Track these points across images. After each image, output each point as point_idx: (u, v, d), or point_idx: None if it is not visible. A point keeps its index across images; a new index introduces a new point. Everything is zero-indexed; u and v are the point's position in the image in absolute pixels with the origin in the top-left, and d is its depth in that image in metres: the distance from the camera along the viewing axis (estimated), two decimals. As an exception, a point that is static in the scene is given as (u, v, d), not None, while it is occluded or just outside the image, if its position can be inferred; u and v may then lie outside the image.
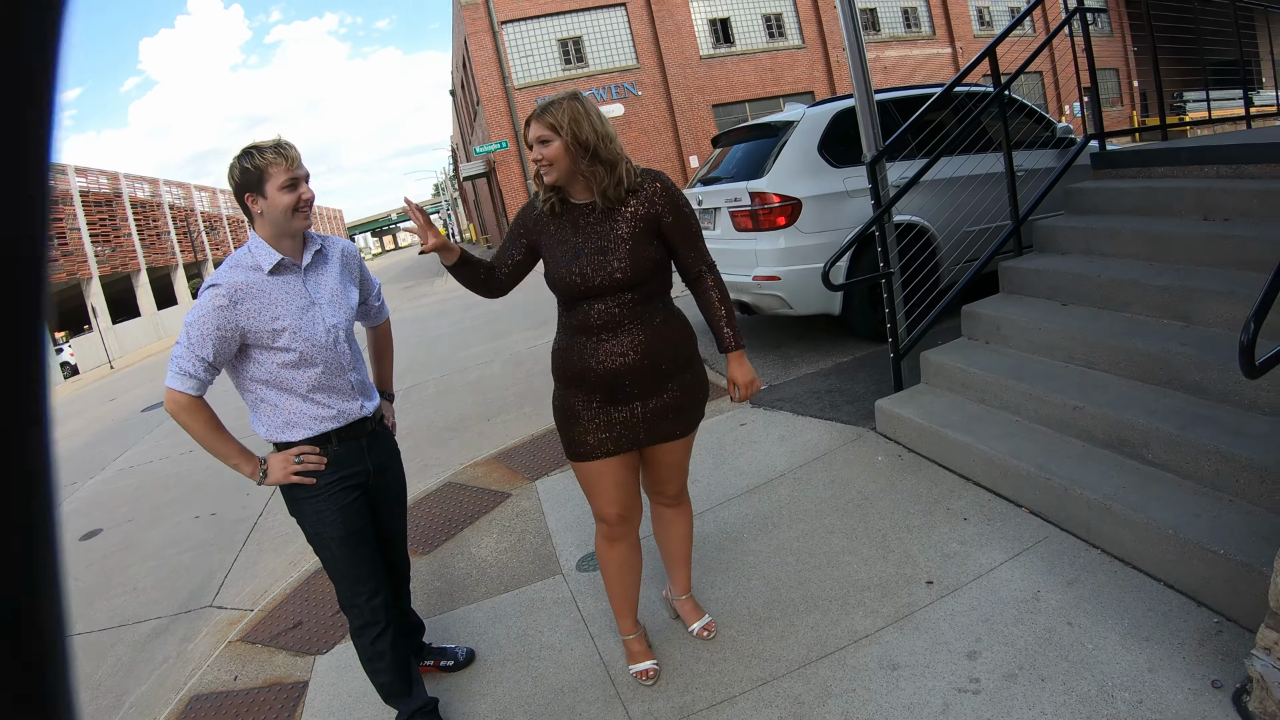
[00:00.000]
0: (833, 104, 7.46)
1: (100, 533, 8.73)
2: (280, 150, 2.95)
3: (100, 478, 11.97)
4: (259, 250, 3.02)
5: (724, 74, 33.09)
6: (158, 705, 4.65)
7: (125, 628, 5.93)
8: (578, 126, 2.84)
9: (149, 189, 60.68)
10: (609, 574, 3.37)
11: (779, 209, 6.87)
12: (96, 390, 30.07)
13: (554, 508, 5.39)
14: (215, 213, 74.58)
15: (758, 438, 5.58)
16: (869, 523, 4.14)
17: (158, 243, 59.48)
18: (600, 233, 2.94)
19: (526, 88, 31.43)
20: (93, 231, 50.93)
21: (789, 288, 6.87)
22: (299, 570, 5.75)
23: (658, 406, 3.05)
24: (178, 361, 2.94)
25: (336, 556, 3.19)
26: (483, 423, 8.20)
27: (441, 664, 3.91)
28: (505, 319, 15.08)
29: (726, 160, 8.07)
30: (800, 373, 6.81)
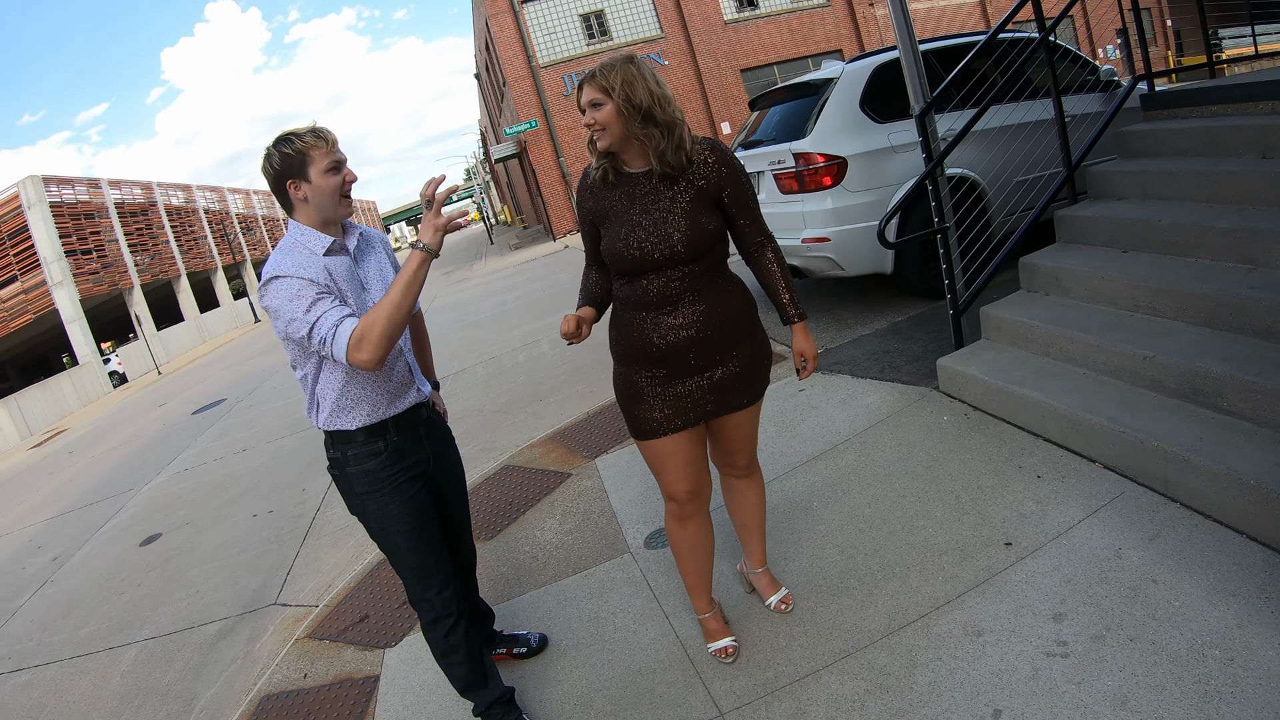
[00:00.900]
0: (872, 58, 7.33)
1: (160, 537, 8.86)
2: (319, 134, 2.93)
3: (155, 482, 12.15)
4: (306, 236, 2.95)
5: (750, 37, 32.69)
6: (228, 707, 4.69)
7: (190, 631, 6.00)
8: (631, 89, 2.78)
9: (183, 195, 61.50)
10: (681, 553, 3.33)
11: (824, 169, 6.77)
12: (146, 396, 30.50)
13: (616, 485, 5.36)
14: (250, 214, 75.40)
15: (818, 403, 5.51)
16: (940, 485, 4.07)
17: (195, 247, 60.28)
18: (658, 204, 2.88)
19: (552, 65, 31.39)
20: (131, 242, 51.66)
21: (839, 249, 6.78)
22: (361, 563, 5.78)
23: (722, 377, 3.00)
24: (322, 327, 2.75)
25: (404, 550, 3.17)
26: (535, 403, 8.21)
27: (514, 651, 3.90)
28: (549, 298, 15.10)
29: (766, 122, 7.96)
30: (856, 334, 6.72)
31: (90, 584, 8.25)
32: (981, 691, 2.81)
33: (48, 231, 44.78)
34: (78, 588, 8.32)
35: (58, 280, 44.79)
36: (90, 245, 48.08)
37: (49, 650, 6.84)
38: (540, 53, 31.36)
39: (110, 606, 7.27)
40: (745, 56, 32.56)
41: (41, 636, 7.27)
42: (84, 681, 5.92)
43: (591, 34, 31.83)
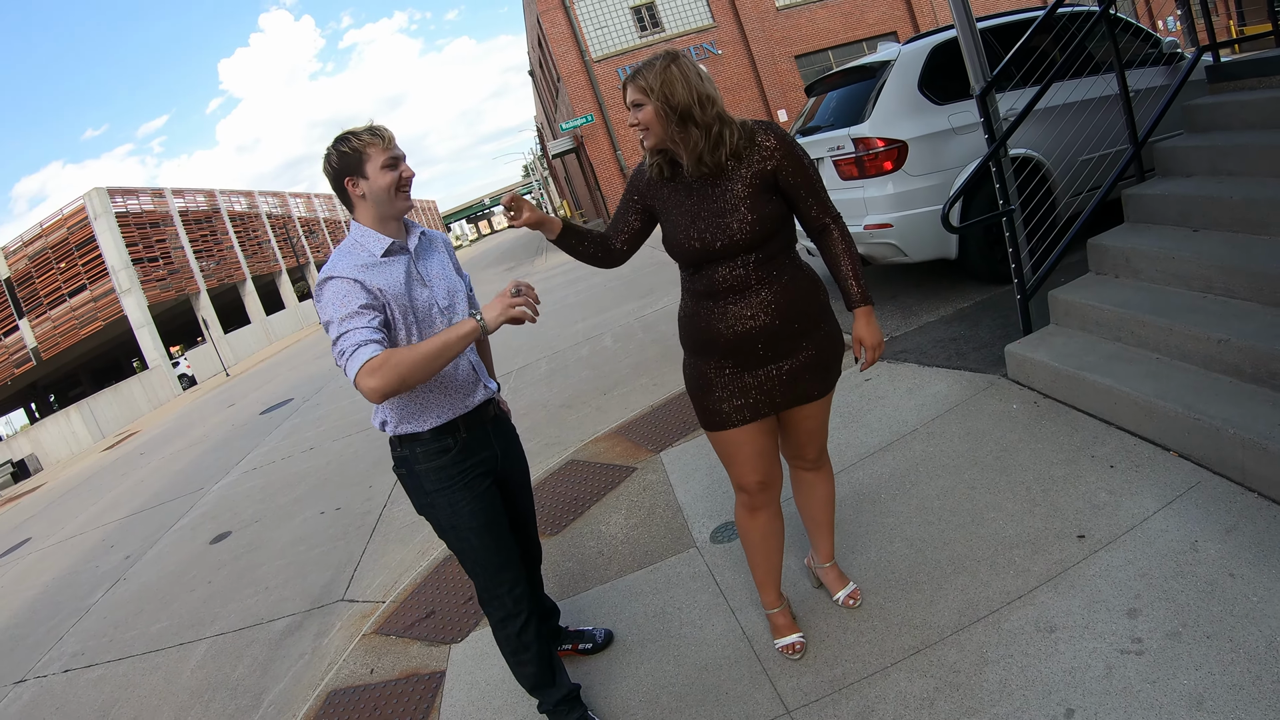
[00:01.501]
0: (927, 39, 7.22)
1: (229, 535, 9.04)
2: (376, 131, 2.95)
3: (225, 481, 12.38)
4: (366, 237, 2.99)
5: (803, 23, 32.54)
6: (296, 702, 4.77)
7: (259, 626, 6.11)
8: (670, 90, 2.74)
9: (245, 201, 62.70)
10: (751, 545, 3.29)
11: (885, 153, 6.68)
12: (215, 398, 31.04)
13: (682, 479, 5.33)
14: (312, 217, 76.59)
15: (884, 392, 5.44)
16: (1011, 475, 3.98)
17: (260, 251, 61.42)
18: (716, 194, 2.84)
19: (605, 59, 31.53)
20: (196, 248, 52.72)
21: (902, 234, 6.68)
22: (428, 559, 5.82)
23: (793, 368, 2.96)
24: (346, 341, 2.74)
25: (475, 548, 3.17)
26: (599, 397, 8.22)
27: (580, 647, 3.90)
28: (610, 292, 15.10)
29: (823, 108, 7.87)
30: (921, 321, 6.62)
31: (161, 581, 8.43)
32: (1053, 690, 2.75)
33: (114, 241, 45.81)
34: (149, 585, 8.50)
35: (126, 288, 45.76)
36: (156, 253, 49.10)
37: (121, 646, 7.00)
38: (593, 47, 31.45)
39: (181, 603, 7.43)
40: (799, 42, 32.39)
41: (114, 633, 7.44)
42: (155, 677, 6.06)
43: (643, 26, 31.85)
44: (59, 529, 15.90)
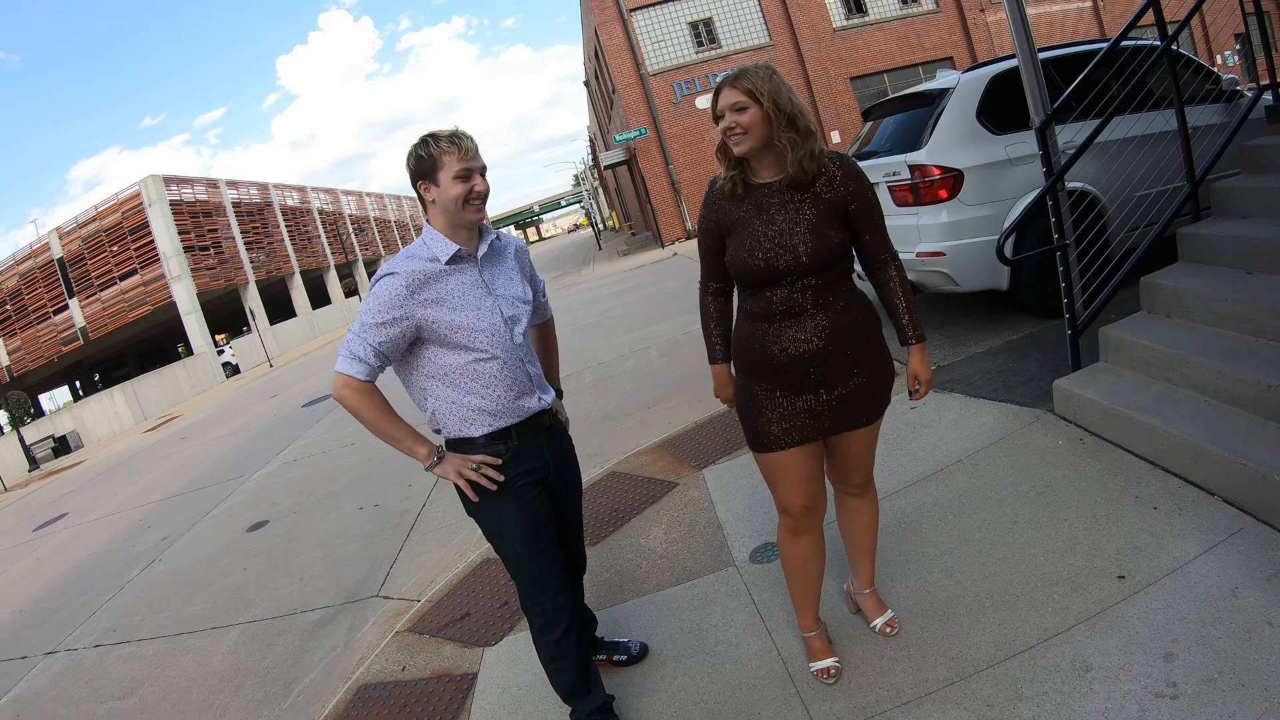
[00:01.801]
0: (988, 67, 7.19)
1: (267, 524, 9.14)
2: (455, 140, 2.96)
3: (265, 471, 12.50)
4: (434, 241, 3.04)
5: (859, 45, 32.34)
6: (326, 693, 4.83)
7: (293, 616, 6.19)
8: (777, 94, 2.79)
9: (297, 196, 63.52)
10: (791, 568, 3.31)
11: (940, 181, 6.67)
12: (258, 388, 31.32)
13: (724, 497, 5.34)
14: (363, 215, 77.39)
15: (930, 421, 5.43)
16: (1054, 512, 3.97)
17: (309, 246, 62.17)
18: (784, 216, 2.88)
19: (661, 73, 31.52)
20: (247, 239, 53.48)
21: (954, 263, 6.66)
22: (465, 561, 5.86)
23: (843, 394, 2.98)
24: (348, 345, 2.98)
25: (520, 555, 3.21)
26: (643, 410, 8.25)
27: (614, 658, 3.91)
28: (657, 305, 15.11)
29: (880, 133, 7.87)
30: (969, 352, 6.59)
31: (197, 565, 8.55)
32: (1088, 730, 2.74)
33: (167, 228, 46.42)
34: (185, 568, 8.63)
35: (176, 274, 46.34)
36: (208, 242, 49.78)
37: (154, 626, 7.11)
38: (649, 60, 31.50)
39: (216, 588, 7.54)
40: (854, 64, 32.21)
41: (147, 612, 7.56)
42: (186, 659, 6.15)
43: (700, 42, 31.87)
44: (97, 506, 16.10)
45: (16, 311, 51.59)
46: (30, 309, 51.08)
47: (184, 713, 5.33)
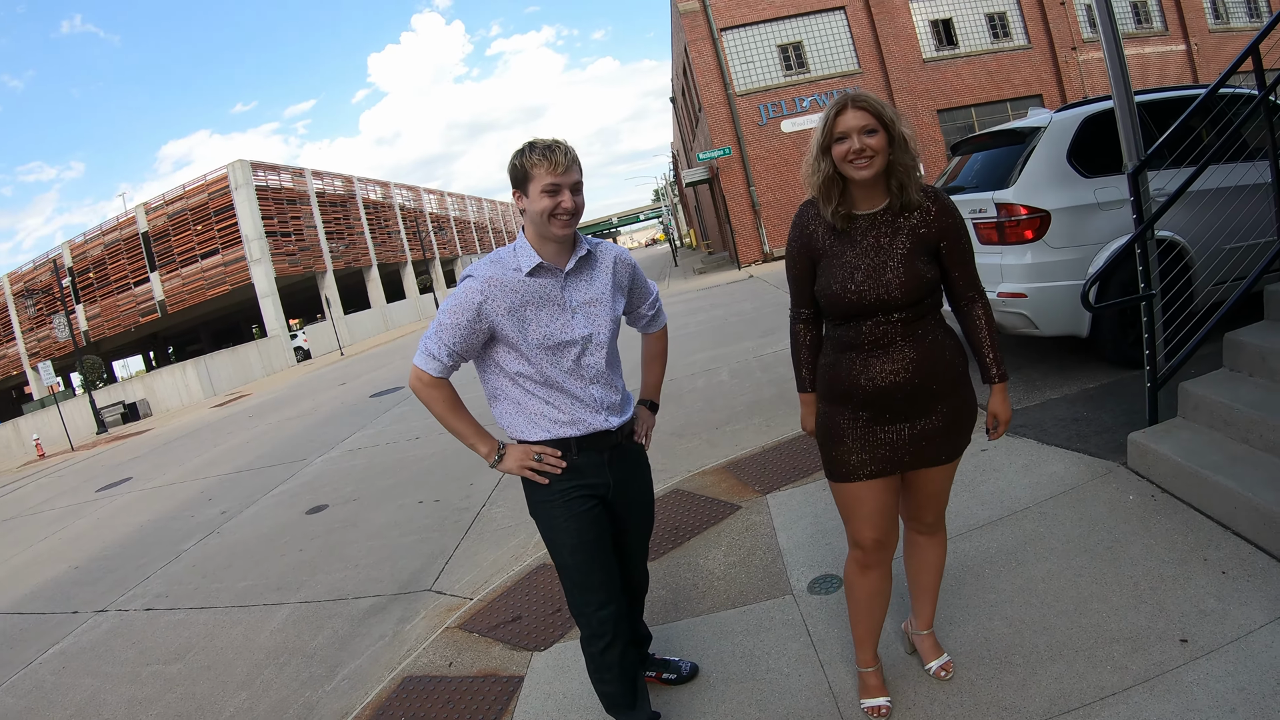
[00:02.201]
0: (1081, 108, 7.08)
1: (326, 508, 9.27)
2: (549, 153, 2.94)
3: (328, 456, 12.68)
4: (521, 250, 3.07)
5: (948, 77, 32.26)
6: (370, 681, 4.88)
7: (344, 601, 6.26)
8: (897, 120, 2.80)
9: (380, 191, 64.69)
10: (857, 601, 3.28)
11: (1026, 221, 6.58)
12: (328, 374, 31.75)
13: (786, 524, 5.31)
14: (443, 214, 78.54)
15: (1000, 465, 5.35)
16: (1119, 568, 3.88)
17: (388, 241, 63.27)
18: (878, 248, 2.87)
19: (748, 94, 31.62)
20: (328, 229, 54.60)
21: (1035, 306, 6.57)
22: (521, 564, 5.88)
23: (925, 429, 2.96)
24: (426, 342, 3.07)
25: (568, 564, 3.22)
26: (711, 430, 8.23)
27: (664, 676, 3.90)
28: (731, 327, 15.09)
29: (967, 169, 7.79)
30: (1044, 398, 6.47)
31: (254, 541, 8.71)
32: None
33: (251, 212, 47.45)
34: (241, 543, 8.79)
35: (256, 257, 47.25)
36: (290, 228, 50.80)
37: (206, 596, 7.26)
38: (737, 81, 31.64)
39: (270, 566, 7.67)
40: (942, 97, 32.09)
41: (200, 582, 7.73)
42: (235, 631, 6.27)
43: (789, 65, 31.91)
44: (160, 474, 16.46)
45: (99, 280, 53.06)
46: (112, 279, 52.51)
47: (227, 684, 5.43)
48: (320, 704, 4.87)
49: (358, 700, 4.70)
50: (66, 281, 50.20)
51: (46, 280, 52.85)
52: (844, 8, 31.79)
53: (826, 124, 2.85)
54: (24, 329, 57.56)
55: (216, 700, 5.28)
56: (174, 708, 5.34)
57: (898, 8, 31.74)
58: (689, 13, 31.47)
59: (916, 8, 32.20)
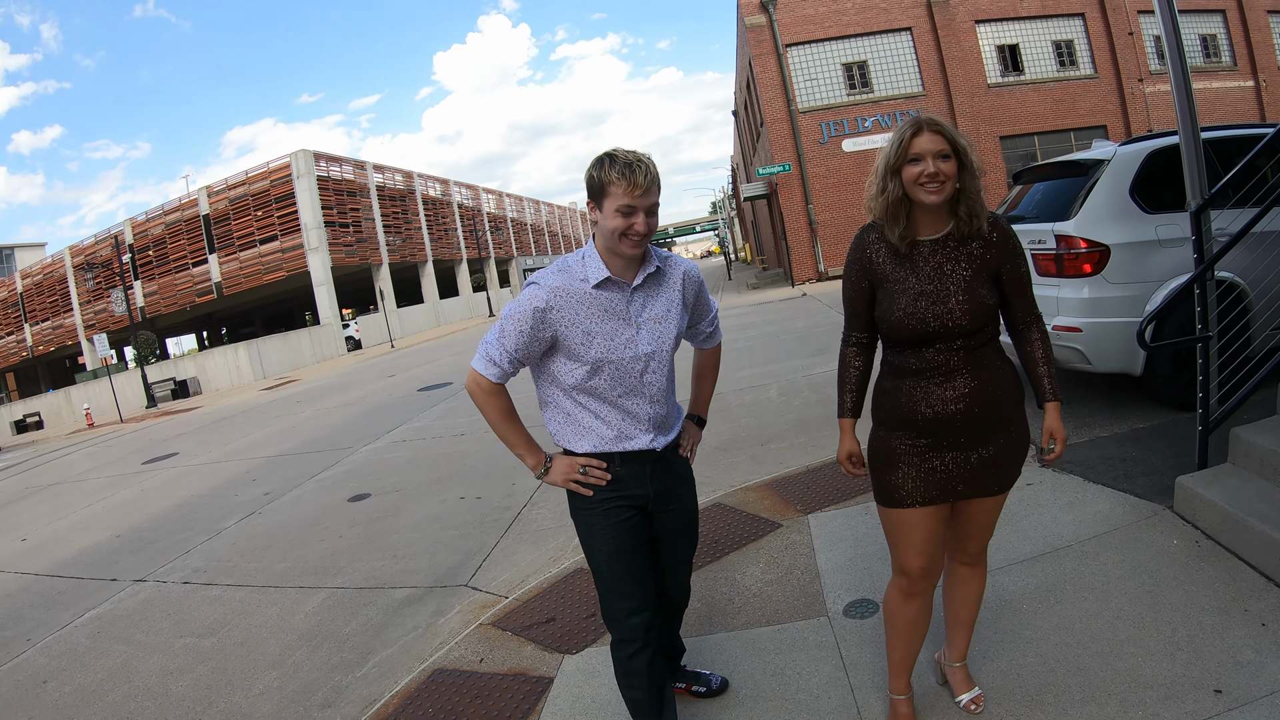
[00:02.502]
0: (1146, 142, 6.99)
1: (368, 497, 9.41)
2: (629, 172, 2.89)
3: (374, 446, 12.85)
4: (590, 260, 3.06)
5: (1012, 104, 31.96)
6: (400, 670, 4.95)
7: (380, 590, 6.36)
8: (969, 146, 2.81)
9: (440, 188, 65.51)
10: (896, 628, 3.26)
11: (1085, 255, 6.52)
12: (377, 365, 32.07)
13: (826, 545, 5.30)
14: (500, 214, 79.21)
15: (1044, 501, 5.30)
16: (1158, 613, 3.83)
17: (445, 237, 64.06)
18: (940, 274, 2.87)
19: (810, 111, 31.50)
20: (386, 223, 55.44)
21: (1089, 341, 6.51)
22: (558, 566, 5.93)
23: (980, 459, 2.96)
24: (487, 347, 3.08)
25: (602, 570, 3.26)
26: (756, 447, 8.24)
27: (694, 689, 3.91)
28: (782, 344, 15.07)
29: (1028, 198, 7.74)
30: (1093, 435, 6.39)
31: (294, 524, 8.86)
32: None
33: (311, 201, 48.17)
34: (282, 525, 8.95)
35: (314, 246, 47.92)
36: (348, 220, 51.54)
37: (243, 574, 7.41)
38: (800, 97, 31.56)
39: (309, 549, 7.80)
40: (1005, 123, 31.77)
41: (240, 560, 7.89)
42: (269, 611, 6.39)
43: (853, 84, 31.79)
44: (206, 451, 16.79)
45: (158, 258, 54.09)
46: (171, 258, 53.53)
47: (258, 662, 5.54)
48: (349, 689, 4.94)
49: (387, 688, 4.78)
50: (126, 258, 51.39)
51: (107, 255, 54.07)
52: (910, 29, 31.62)
53: (900, 145, 2.84)
54: (82, 301, 58.88)
55: (247, 676, 5.38)
56: (204, 680, 5.45)
57: (964, 31, 31.49)
58: (755, 27, 31.45)
59: (983, 31, 31.94)
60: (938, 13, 31.26)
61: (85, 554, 9.78)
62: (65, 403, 49.73)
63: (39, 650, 6.69)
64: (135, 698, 5.44)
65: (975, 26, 31.78)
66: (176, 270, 53.41)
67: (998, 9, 31.87)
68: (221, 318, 71.35)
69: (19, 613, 7.93)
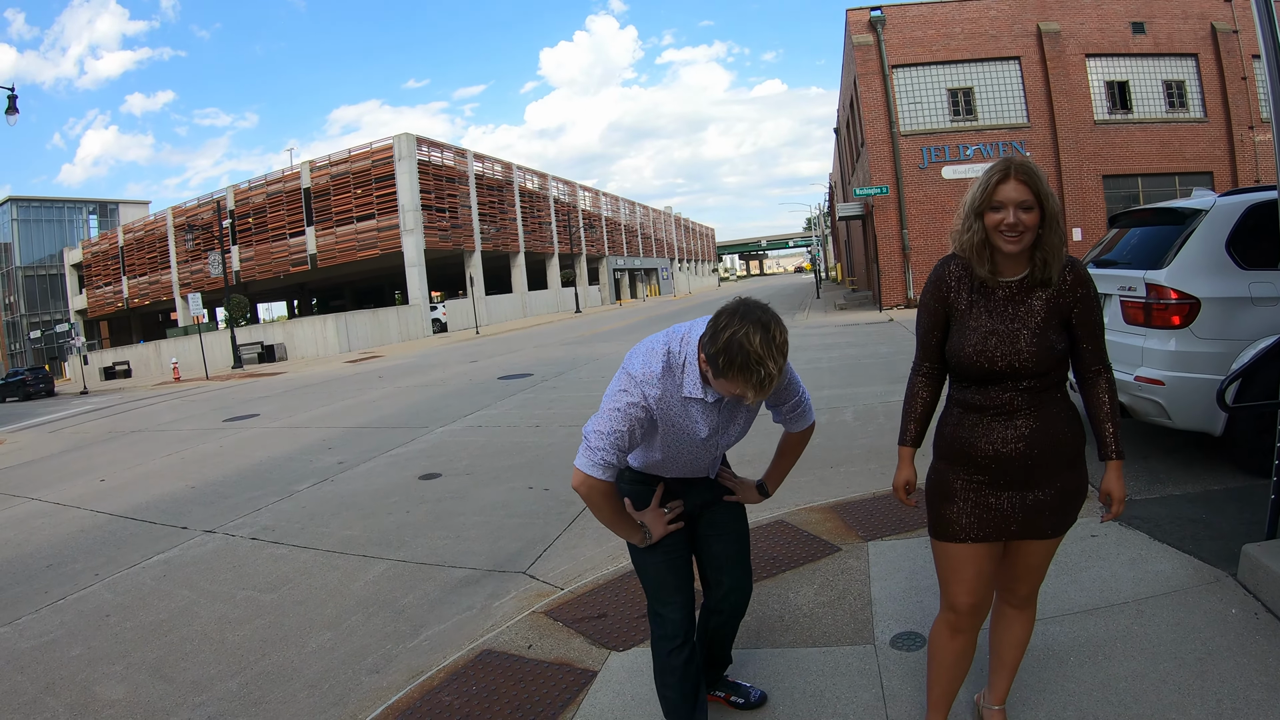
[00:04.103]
0: (1245, 195, 6.78)
1: (439, 477, 9.61)
2: (751, 370, 2.72)
3: (450, 428, 13.10)
4: (689, 376, 3.08)
5: (1118, 142, 31.08)
6: (450, 647, 5.10)
7: (440, 568, 6.53)
8: (1052, 197, 2.81)
9: (537, 181, 66.28)
10: (939, 664, 3.25)
11: (1175, 306, 6.37)
12: (461, 350, 32.54)
13: (882, 574, 5.29)
14: (595, 212, 79.63)
15: (1107, 554, 5.21)
16: (1206, 682, 3.73)
17: (538, 230, 64.83)
18: (1013, 315, 2.89)
19: (912, 135, 31.11)
20: (482, 211, 56.34)
21: (1171, 396, 6.36)
22: (616, 565, 6.00)
23: (1036, 500, 2.95)
24: (598, 453, 3.06)
25: (647, 565, 3.40)
26: (825, 469, 8.24)
27: (732, 699, 3.97)
28: (863, 368, 15.00)
29: (1123, 243, 7.58)
30: (1164, 492, 6.23)
31: (365, 495, 9.10)
32: None
33: (410, 183, 49.10)
34: (352, 494, 9.21)
35: (409, 227, 48.76)
36: (445, 205, 52.45)
37: (310, 537, 7.69)
38: (903, 120, 31.22)
39: (376, 521, 8.03)
40: (1110, 162, 30.98)
41: (308, 523, 8.18)
42: (331, 575, 6.62)
43: (957, 111, 31.35)
44: (286, 416, 17.31)
45: (256, 226, 55.60)
46: (269, 226, 55.00)
47: (314, 622, 5.76)
48: (399, 658, 5.12)
49: (435, 662, 4.93)
50: (226, 223, 52.77)
51: (207, 219, 55.71)
52: (1019, 58, 31.06)
53: (986, 189, 2.85)
54: (180, 260, 60.73)
55: (301, 634, 5.61)
56: (261, 633, 5.70)
57: (1073, 64, 30.83)
58: (862, 45, 31.25)
59: (1093, 66, 31.22)
60: (1048, 44, 30.66)
61: (159, 501, 10.22)
62: (154, 355, 51.31)
63: (105, 585, 7.07)
64: (192, 640, 5.72)
65: (1085, 60, 31.08)
66: (274, 239, 54.74)
67: (1109, 44, 31.15)
68: (313, 288, 72.71)
69: (91, 549, 8.37)
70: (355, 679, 4.95)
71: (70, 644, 5.93)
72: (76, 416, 27.68)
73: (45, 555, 8.39)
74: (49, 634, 6.17)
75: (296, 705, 4.74)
